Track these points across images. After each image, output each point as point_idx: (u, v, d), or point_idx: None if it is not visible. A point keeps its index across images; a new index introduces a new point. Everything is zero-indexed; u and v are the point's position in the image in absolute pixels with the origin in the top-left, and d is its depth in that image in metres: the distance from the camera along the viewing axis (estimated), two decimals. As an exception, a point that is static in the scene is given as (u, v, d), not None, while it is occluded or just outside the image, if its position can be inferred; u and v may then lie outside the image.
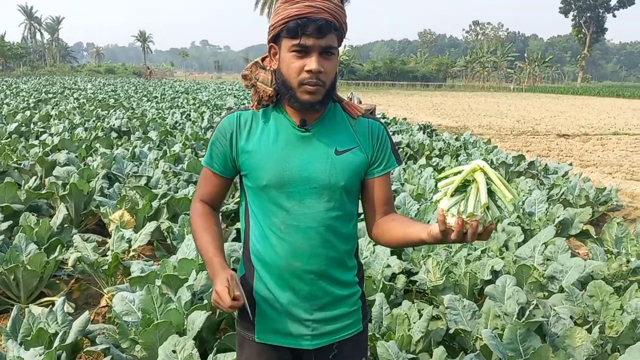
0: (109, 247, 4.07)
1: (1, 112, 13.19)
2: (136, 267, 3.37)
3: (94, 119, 12.69)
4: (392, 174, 6.35)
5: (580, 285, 3.40)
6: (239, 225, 1.69)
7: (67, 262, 3.86)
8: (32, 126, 10.77)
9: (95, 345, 2.66)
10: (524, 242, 4.13)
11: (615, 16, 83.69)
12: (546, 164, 8.23)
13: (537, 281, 3.40)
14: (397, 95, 45.65)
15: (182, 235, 4.19)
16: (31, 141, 8.60)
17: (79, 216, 5.31)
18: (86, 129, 10.28)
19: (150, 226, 4.19)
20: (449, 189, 1.26)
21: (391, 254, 3.60)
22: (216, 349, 2.64)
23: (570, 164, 8.62)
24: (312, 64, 1.39)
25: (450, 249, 3.83)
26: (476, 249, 3.86)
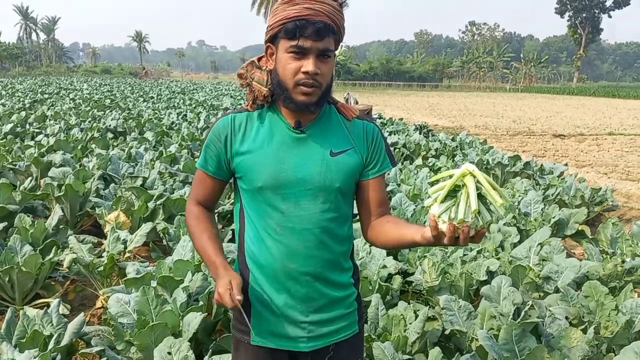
0: (104, 249, 4.06)
1: (-4, 113, 13.14)
2: (132, 269, 3.36)
3: (90, 119, 12.66)
4: (389, 174, 6.37)
5: (575, 285, 3.40)
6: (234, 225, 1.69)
7: (62, 263, 3.85)
8: (27, 127, 10.74)
9: (90, 347, 2.66)
10: (519, 242, 4.14)
11: (610, 17, 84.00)
12: (542, 164, 8.25)
13: (533, 282, 3.41)
14: (394, 95, 45.70)
15: (177, 236, 4.18)
16: (27, 142, 8.58)
17: (75, 217, 5.30)
18: (82, 130, 10.25)
19: (146, 227, 4.18)
20: (440, 195, 1.26)
21: (387, 255, 3.60)
22: (212, 350, 2.63)
23: (565, 164, 8.64)
24: (308, 65, 1.39)
25: (446, 250, 3.83)
26: (472, 250, 3.86)
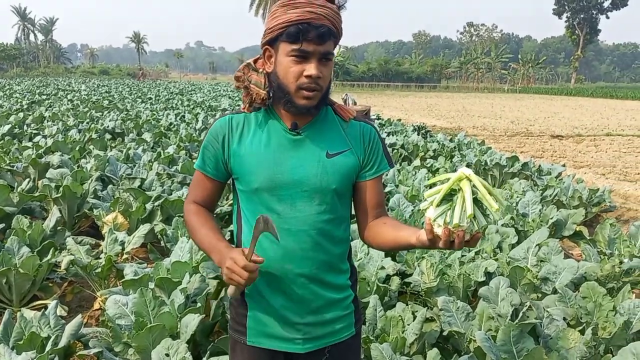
0: (102, 250, 4.06)
1: (-6, 114, 13.12)
2: (129, 270, 3.35)
3: (88, 120, 12.65)
4: (386, 175, 6.37)
5: (573, 286, 3.41)
6: (232, 227, 1.69)
7: (60, 265, 3.84)
8: (25, 128, 10.73)
9: (88, 349, 2.66)
10: (517, 243, 4.14)
11: (608, 17, 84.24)
12: (540, 165, 8.26)
13: (531, 282, 3.41)
14: (392, 96, 45.74)
15: (175, 237, 4.17)
16: (24, 143, 8.55)
17: (72, 219, 5.29)
18: (80, 131, 10.24)
19: (143, 228, 4.17)
20: (435, 199, 1.26)
21: (385, 256, 3.60)
22: (209, 352, 2.63)
23: (563, 165, 8.65)
24: (311, 69, 1.39)
25: (444, 251, 3.83)
26: (470, 251, 3.86)
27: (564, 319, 2.87)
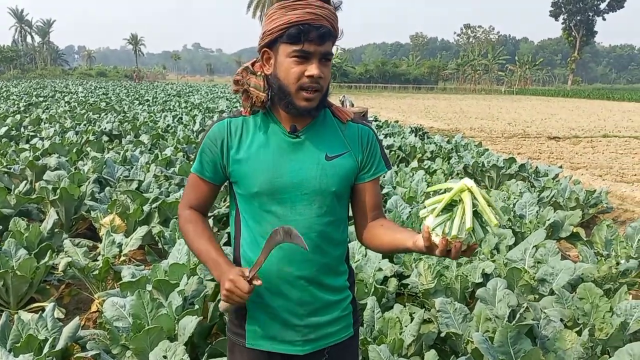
0: (99, 252, 4.05)
1: (-9, 116, 13.10)
2: (127, 272, 3.35)
3: (85, 122, 12.64)
4: (384, 177, 6.38)
5: (570, 287, 3.41)
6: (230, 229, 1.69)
7: (57, 267, 3.84)
8: (22, 130, 10.72)
9: (85, 351, 2.66)
10: (514, 244, 4.15)
11: (604, 19, 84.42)
12: (537, 167, 8.28)
13: (528, 284, 3.41)
14: (389, 98, 45.78)
15: (173, 239, 4.17)
16: (21, 145, 8.55)
17: (70, 221, 5.28)
18: (77, 133, 10.23)
19: (141, 230, 4.17)
20: (436, 209, 1.27)
21: (383, 258, 3.60)
22: (207, 354, 2.63)
23: (560, 167, 8.66)
24: (313, 69, 1.40)
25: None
26: (467, 252, 3.86)
27: (561, 320, 2.88)
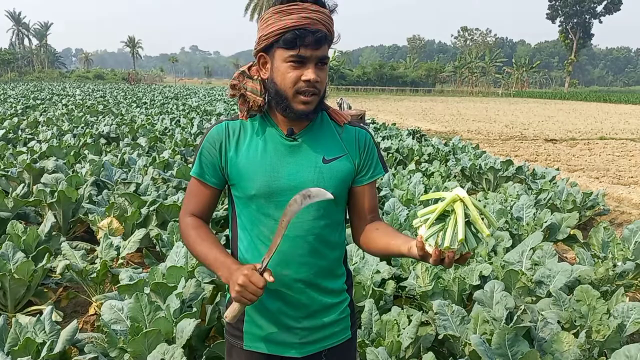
0: (97, 255, 4.05)
1: (-12, 119, 13.08)
2: (125, 275, 3.35)
3: (83, 125, 12.62)
4: (381, 180, 6.39)
5: (567, 289, 3.42)
6: (228, 231, 1.69)
7: (55, 270, 3.83)
8: (20, 133, 10.70)
9: (83, 354, 2.65)
10: (512, 247, 4.16)
11: (601, 22, 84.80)
12: (534, 169, 8.29)
13: (525, 286, 3.42)
14: (387, 100, 45.83)
15: (171, 242, 4.17)
16: (19, 148, 8.53)
17: (68, 224, 5.28)
18: (75, 136, 10.21)
19: (139, 233, 4.17)
20: (429, 220, 1.27)
21: (380, 260, 3.61)
22: (205, 357, 2.64)
23: (557, 169, 8.68)
24: (309, 74, 1.41)
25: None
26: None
27: (558, 322, 2.89)
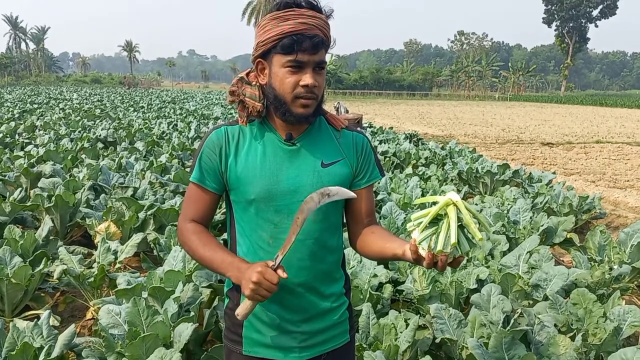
0: (95, 259, 4.05)
1: (-15, 123, 13.05)
2: (122, 279, 3.35)
3: (80, 129, 12.62)
4: (378, 184, 6.40)
5: (564, 293, 3.44)
6: (226, 235, 1.69)
7: (52, 274, 3.83)
8: (17, 137, 10.69)
9: (81, 358, 2.65)
10: (509, 250, 4.18)
11: (597, 26, 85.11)
12: (530, 173, 8.32)
13: (522, 289, 3.44)
14: (384, 104, 45.91)
15: (168, 246, 4.17)
16: (16, 152, 8.52)
17: (65, 228, 5.27)
18: (72, 140, 10.20)
19: (136, 237, 4.17)
20: (422, 223, 1.29)
21: (378, 264, 3.62)
22: (203, 361, 2.63)
23: (554, 173, 8.72)
24: (307, 79, 1.42)
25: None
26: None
27: (555, 326, 2.90)
